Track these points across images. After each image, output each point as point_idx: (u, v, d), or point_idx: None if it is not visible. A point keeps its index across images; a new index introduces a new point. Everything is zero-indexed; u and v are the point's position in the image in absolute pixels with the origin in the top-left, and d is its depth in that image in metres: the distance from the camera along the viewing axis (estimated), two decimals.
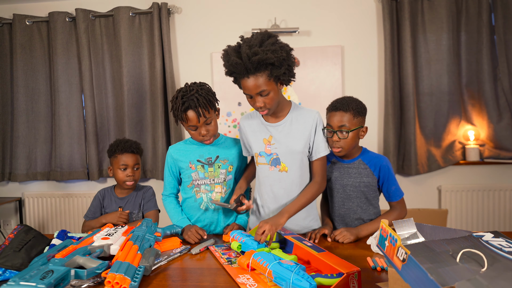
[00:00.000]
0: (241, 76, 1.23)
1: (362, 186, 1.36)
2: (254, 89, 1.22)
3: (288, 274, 0.85)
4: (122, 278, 0.87)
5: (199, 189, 1.45)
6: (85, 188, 2.98)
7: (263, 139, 1.38)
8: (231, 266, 1.06)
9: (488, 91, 2.63)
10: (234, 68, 1.21)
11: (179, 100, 1.33)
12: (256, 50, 1.16)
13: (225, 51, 1.25)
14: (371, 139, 2.80)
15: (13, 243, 1.09)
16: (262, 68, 1.19)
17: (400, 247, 0.64)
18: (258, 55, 1.16)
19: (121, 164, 1.59)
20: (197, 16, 2.84)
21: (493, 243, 0.67)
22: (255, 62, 1.17)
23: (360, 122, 1.33)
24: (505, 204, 2.69)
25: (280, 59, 1.19)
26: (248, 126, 1.43)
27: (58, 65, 2.82)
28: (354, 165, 1.38)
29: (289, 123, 1.35)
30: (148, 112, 2.80)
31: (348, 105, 1.30)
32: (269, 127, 1.37)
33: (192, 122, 1.34)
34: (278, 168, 1.35)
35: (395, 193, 1.36)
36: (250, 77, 1.21)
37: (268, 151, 1.36)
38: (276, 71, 1.21)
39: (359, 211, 1.38)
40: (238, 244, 1.16)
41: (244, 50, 1.17)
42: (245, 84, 1.23)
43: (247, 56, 1.16)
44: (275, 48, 1.18)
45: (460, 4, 2.64)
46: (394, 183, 1.36)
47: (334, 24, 2.76)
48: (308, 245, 1.07)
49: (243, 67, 1.19)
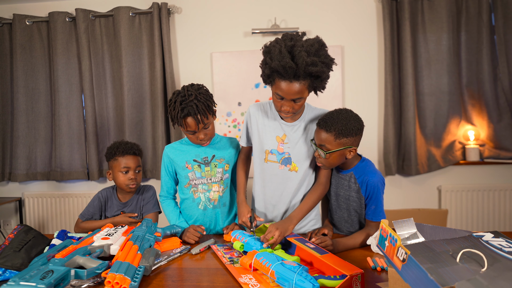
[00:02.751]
0: (283, 78, 1.15)
1: (351, 200, 1.30)
2: (293, 95, 1.17)
3: (291, 275, 0.84)
4: (122, 278, 0.87)
5: (197, 188, 1.45)
6: (85, 188, 2.98)
7: (276, 137, 1.35)
8: (234, 266, 1.05)
9: (488, 91, 2.63)
10: (283, 70, 1.12)
11: (178, 106, 1.30)
12: (314, 60, 1.11)
13: (275, 46, 1.15)
14: (371, 139, 2.80)
15: (13, 243, 1.09)
16: (308, 77, 1.15)
17: (400, 247, 0.64)
18: (317, 66, 1.12)
19: (123, 167, 1.53)
20: (197, 16, 2.84)
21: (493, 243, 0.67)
22: (308, 72, 1.12)
23: (344, 143, 1.19)
24: (505, 204, 2.69)
25: (327, 73, 1.18)
26: (261, 118, 1.38)
27: (58, 65, 2.82)
28: (346, 177, 1.30)
29: (304, 124, 1.34)
30: (148, 112, 2.80)
31: (332, 125, 1.18)
32: (283, 125, 1.35)
33: (191, 128, 1.33)
34: (289, 167, 1.34)
35: (374, 212, 1.24)
36: (293, 82, 1.15)
37: (281, 150, 1.34)
38: (318, 83, 1.19)
39: (349, 221, 1.34)
40: (240, 244, 1.16)
41: (302, 55, 1.10)
42: (285, 87, 1.16)
43: (304, 63, 1.10)
44: (328, 62, 1.16)
45: (460, 4, 2.64)
46: (376, 203, 1.23)
47: (334, 24, 2.76)
48: (310, 247, 1.06)
49: (294, 72, 1.12)
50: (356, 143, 1.22)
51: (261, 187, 1.41)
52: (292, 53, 1.12)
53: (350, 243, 1.21)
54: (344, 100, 2.76)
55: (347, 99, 2.77)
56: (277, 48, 1.14)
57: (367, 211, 1.27)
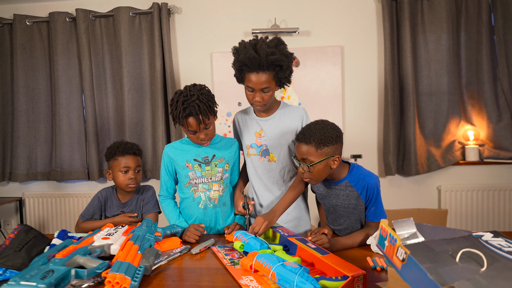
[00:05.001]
0: (250, 70, 1.34)
1: (351, 207, 1.28)
2: (260, 84, 1.34)
3: (292, 277, 0.83)
4: (122, 278, 0.87)
5: (197, 188, 1.45)
6: (85, 188, 2.98)
7: (254, 132, 1.50)
8: (234, 267, 1.05)
9: (488, 91, 2.64)
10: (249, 61, 1.31)
11: (180, 105, 1.31)
12: (273, 50, 1.30)
13: (241, 44, 1.36)
14: (371, 139, 2.80)
15: (14, 243, 1.09)
16: (272, 67, 1.33)
17: (400, 247, 0.64)
18: (275, 55, 1.30)
19: (123, 167, 1.53)
20: (197, 16, 2.84)
21: (492, 243, 0.67)
22: (270, 61, 1.30)
23: (326, 153, 1.18)
24: (505, 204, 2.69)
25: (288, 64, 1.36)
26: (241, 121, 1.57)
27: (59, 65, 2.83)
28: (342, 187, 1.27)
29: (277, 118, 1.48)
30: (148, 112, 2.80)
31: (311, 136, 1.18)
32: (259, 121, 1.50)
33: (192, 128, 1.35)
34: (267, 158, 1.48)
35: (374, 213, 1.25)
36: (259, 72, 1.33)
37: (259, 143, 1.49)
38: (281, 74, 1.36)
39: (350, 228, 1.33)
40: (241, 244, 1.16)
41: (263, 47, 1.30)
42: (253, 78, 1.34)
43: (265, 53, 1.29)
44: (287, 54, 1.35)
45: (460, 4, 2.65)
46: (376, 205, 1.24)
47: (334, 24, 2.76)
48: (312, 247, 1.06)
49: (258, 62, 1.30)
50: (338, 152, 1.22)
51: (249, 181, 1.56)
52: (255, 47, 1.32)
53: (348, 242, 1.21)
54: (344, 100, 2.76)
55: (347, 99, 2.77)
56: (242, 45, 1.36)
57: (367, 213, 1.27)
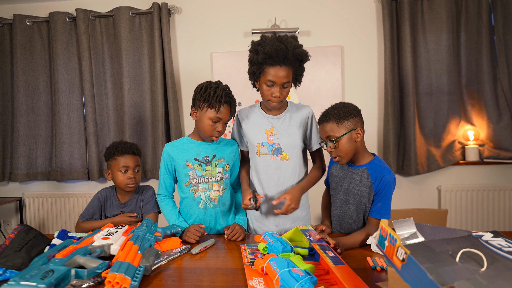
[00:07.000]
0: (273, 64, 1.31)
1: (360, 195, 1.30)
2: (283, 78, 1.32)
3: (293, 284, 0.82)
4: (122, 278, 0.87)
5: (197, 187, 1.45)
6: (85, 188, 2.98)
7: (265, 130, 1.46)
8: (251, 267, 1.03)
9: (488, 91, 2.64)
10: (275, 53, 1.28)
11: (221, 91, 1.37)
12: (299, 44, 1.33)
13: (264, 37, 1.34)
14: (371, 139, 2.80)
15: (14, 243, 1.09)
16: (294, 62, 1.33)
17: (400, 247, 0.64)
18: (301, 49, 1.32)
19: (122, 166, 1.54)
20: (197, 16, 2.84)
21: (492, 243, 0.67)
22: (295, 53, 1.30)
23: (347, 126, 1.25)
24: (505, 204, 2.69)
25: (306, 60, 1.37)
26: (247, 119, 1.52)
27: (59, 65, 2.83)
28: (359, 172, 1.31)
29: (289, 116, 1.47)
30: (148, 112, 2.80)
31: (329, 114, 1.28)
32: (270, 119, 1.47)
33: (221, 115, 1.38)
34: (280, 157, 1.45)
35: (379, 210, 1.25)
36: (282, 66, 1.31)
37: (271, 141, 1.45)
38: (299, 70, 1.38)
39: (353, 217, 1.34)
40: (264, 246, 1.13)
41: (290, 40, 1.30)
42: (276, 72, 1.31)
43: (292, 46, 1.29)
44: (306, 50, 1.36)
45: (460, 4, 2.64)
46: (383, 201, 1.25)
47: (334, 24, 2.76)
48: (329, 256, 1.03)
49: (284, 54, 1.28)
50: (359, 124, 1.28)
51: (257, 180, 1.49)
52: (281, 40, 1.31)
53: (349, 242, 1.21)
54: (344, 100, 2.76)
55: (347, 99, 2.76)
56: (268, 37, 1.34)
57: (372, 207, 1.28)
